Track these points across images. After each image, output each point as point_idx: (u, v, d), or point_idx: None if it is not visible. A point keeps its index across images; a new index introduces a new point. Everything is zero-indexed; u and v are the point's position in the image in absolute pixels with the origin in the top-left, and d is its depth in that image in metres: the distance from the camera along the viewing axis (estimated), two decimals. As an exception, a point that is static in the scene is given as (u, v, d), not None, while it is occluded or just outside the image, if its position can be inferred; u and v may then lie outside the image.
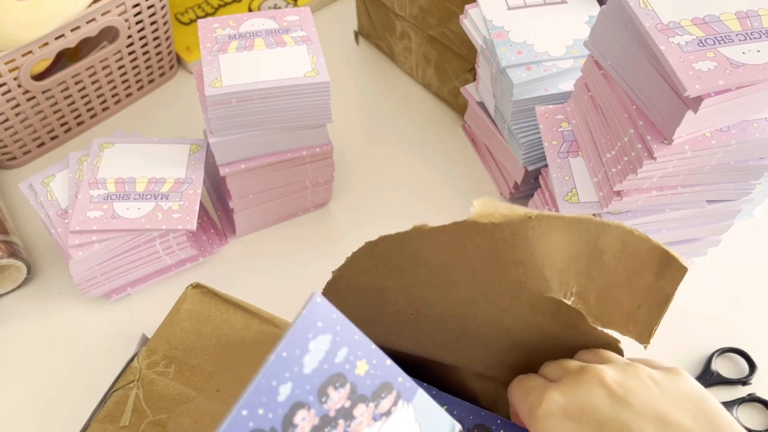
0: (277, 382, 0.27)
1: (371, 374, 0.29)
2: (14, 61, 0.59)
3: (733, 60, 0.39)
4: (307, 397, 0.27)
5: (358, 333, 0.29)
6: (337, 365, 0.28)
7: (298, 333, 0.27)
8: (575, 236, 0.36)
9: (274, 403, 0.26)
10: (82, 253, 0.53)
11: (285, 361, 0.27)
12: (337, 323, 0.28)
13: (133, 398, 0.46)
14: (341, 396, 0.28)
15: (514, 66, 0.54)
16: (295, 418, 0.27)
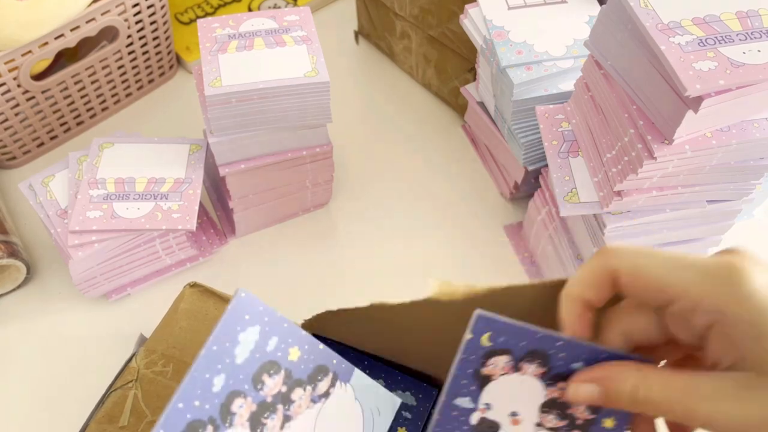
0: (210, 374, 0.28)
1: (305, 359, 0.30)
2: (14, 60, 0.59)
3: (734, 60, 0.39)
4: (242, 385, 0.28)
5: (287, 322, 0.30)
6: (269, 353, 0.29)
7: (226, 326, 0.29)
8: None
9: (209, 394, 0.27)
10: (82, 253, 0.53)
11: (216, 354, 0.28)
12: (265, 314, 0.30)
13: (131, 398, 0.46)
14: (276, 382, 0.29)
15: (515, 66, 0.54)
16: (232, 407, 0.28)
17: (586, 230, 0.52)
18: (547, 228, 0.57)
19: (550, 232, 0.56)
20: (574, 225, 0.54)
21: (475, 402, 0.29)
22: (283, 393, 0.29)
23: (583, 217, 0.52)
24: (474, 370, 0.28)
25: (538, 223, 0.58)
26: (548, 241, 0.57)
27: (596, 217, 0.50)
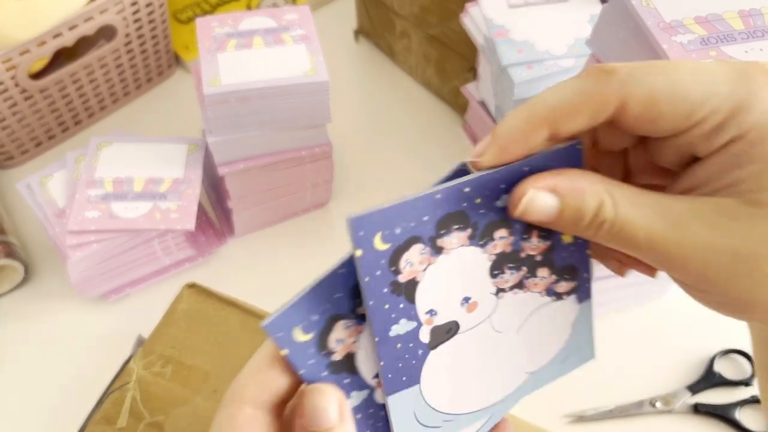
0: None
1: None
2: (11, 59, 0.59)
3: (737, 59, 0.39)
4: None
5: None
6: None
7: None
8: None
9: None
10: (80, 253, 0.53)
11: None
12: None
13: (129, 400, 0.46)
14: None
15: (515, 65, 0.53)
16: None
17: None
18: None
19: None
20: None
21: (414, 319, 0.23)
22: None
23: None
24: (389, 285, 0.23)
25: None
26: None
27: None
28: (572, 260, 0.26)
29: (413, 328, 0.24)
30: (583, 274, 0.26)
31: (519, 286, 0.25)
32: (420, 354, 0.24)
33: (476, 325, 0.25)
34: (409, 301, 0.23)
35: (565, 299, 0.26)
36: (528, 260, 0.25)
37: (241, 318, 0.49)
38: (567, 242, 0.25)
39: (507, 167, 0.23)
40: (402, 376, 0.24)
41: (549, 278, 0.26)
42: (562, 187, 0.22)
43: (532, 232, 0.25)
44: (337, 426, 0.21)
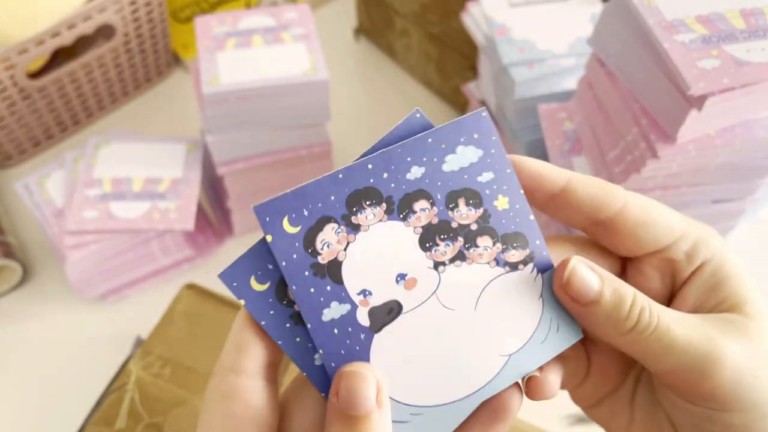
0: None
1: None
2: (9, 59, 0.58)
3: (738, 58, 0.38)
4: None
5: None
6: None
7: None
8: None
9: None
10: (78, 253, 0.52)
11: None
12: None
13: (128, 401, 0.45)
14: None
15: (516, 64, 0.53)
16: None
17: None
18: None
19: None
20: (575, 225, 0.53)
21: (346, 301, 0.23)
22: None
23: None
24: (309, 267, 0.23)
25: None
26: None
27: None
28: (516, 227, 0.25)
29: (348, 311, 0.23)
30: (534, 241, 0.25)
31: (460, 258, 0.24)
32: (363, 338, 0.23)
33: (421, 304, 0.24)
34: (336, 282, 0.23)
35: (522, 269, 0.25)
36: (462, 230, 0.24)
37: (241, 318, 0.49)
38: (502, 208, 0.25)
39: (411, 139, 0.24)
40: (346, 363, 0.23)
41: (494, 248, 0.25)
42: (601, 270, 0.23)
43: (458, 200, 0.24)
44: (374, 411, 0.21)
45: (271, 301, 0.23)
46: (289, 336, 0.23)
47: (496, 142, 0.25)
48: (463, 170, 0.25)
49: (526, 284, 0.25)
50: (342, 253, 0.23)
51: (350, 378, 0.21)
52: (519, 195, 0.25)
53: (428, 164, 0.24)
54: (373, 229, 0.24)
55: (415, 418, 0.24)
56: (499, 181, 0.25)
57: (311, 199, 0.23)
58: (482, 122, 0.25)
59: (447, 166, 0.24)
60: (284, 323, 0.23)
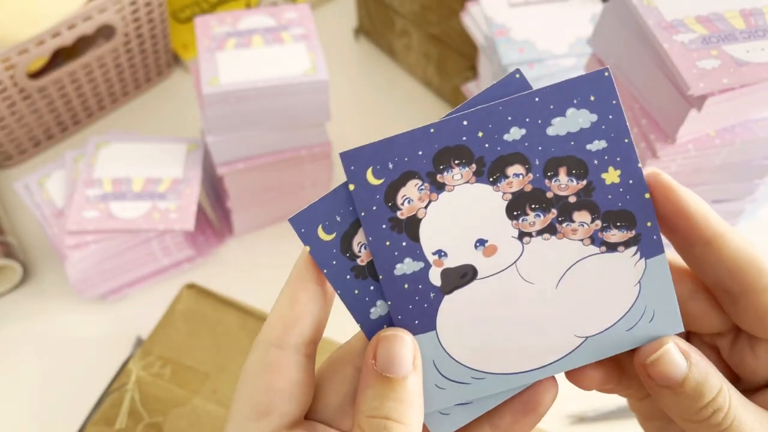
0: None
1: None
2: (10, 59, 0.58)
3: (738, 58, 0.38)
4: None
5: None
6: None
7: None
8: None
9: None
10: (78, 253, 0.52)
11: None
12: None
13: (128, 401, 0.45)
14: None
15: (516, 64, 0.53)
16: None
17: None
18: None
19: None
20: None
21: (420, 259, 0.22)
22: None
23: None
24: (387, 220, 0.22)
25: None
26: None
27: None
28: (624, 204, 0.22)
29: (420, 268, 0.23)
30: (644, 222, 0.22)
31: (550, 231, 0.23)
32: (432, 298, 0.23)
33: (499, 272, 0.23)
34: (412, 240, 0.23)
35: (621, 252, 0.23)
36: (558, 201, 0.22)
37: (241, 318, 0.49)
38: (611, 182, 0.22)
39: (516, 97, 0.22)
40: (414, 319, 0.23)
41: (592, 225, 0.22)
42: (694, 357, 0.21)
43: (559, 169, 0.22)
44: (410, 374, 0.21)
45: (335, 252, 0.23)
46: (348, 287, 0.23)
47: (616, 107, 0.22)
48: (571, 135, 0.22)
49: (624, 268, 0.23)
50: (422, 211, 0.23)
51: (390, 341, 0.22)
52: (635, 169, 0.22)
53: (531, 126, 0.22)
54: (459, 190, 0.23)
55: (476, 381, 0.23)
56: (613, 151, 0.22)
57: (398, 152, 0.22)
58: (603, 83, 0.22)
59: (553, 129, 0.22)
60: (345, 275, 0.23)
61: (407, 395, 0.21)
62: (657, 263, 0.23)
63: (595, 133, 0.22)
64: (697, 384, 0.21)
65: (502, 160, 0.22)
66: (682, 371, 0.21)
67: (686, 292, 0.23)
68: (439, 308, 0.23)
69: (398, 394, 0.21)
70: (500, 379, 0.23)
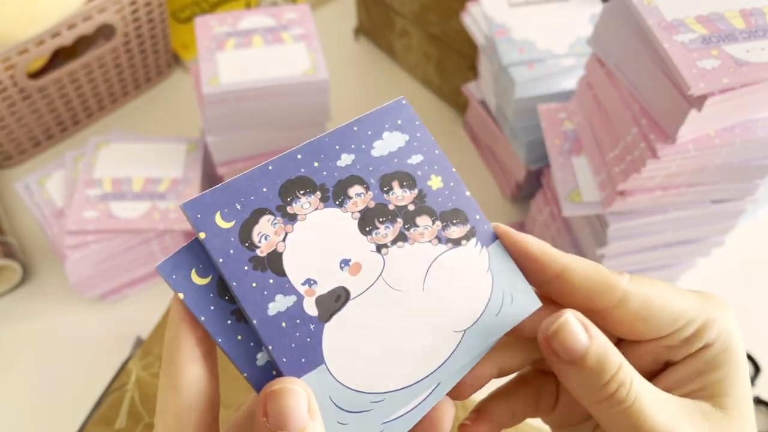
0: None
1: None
2: (10, 59, 0.58)
3: (738, 58, 0.38)
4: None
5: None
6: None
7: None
8: None
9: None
10: (78, 253, 0.52)
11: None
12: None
13: (128, 401, 0.45)
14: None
15: (516, 64, 0.53)
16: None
17: (588, 231, 0.51)
18: (549, 228, 0.56)
19: (552, 233, 0.56)
20: (576, 225, 0.53)
21: (291, 292, 0.22)
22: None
23: (586, 217, 0.51)
24: (248, 261, 0.22)
25: (540, 224, 0.57)
26: (550, 241, 0.56)
27: (599, 218, 0.49)
28: (453, 204, 0.25)
29: (294, 302, 0.22)
30: (473, 216, 0.25)
31: (402, 239, 0.24)
32: (313, 329, 0.22)
33: (368, 288, 0.24)
34: (277, 275, 0.22)
35: (465, 245, 0.25)
36: (400, 211, 0.24)
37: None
38: (437, 187, 0.25)
39: (337, 129, 0.24)
40: (300, 358, 0.22)
41: (434, 226, 0.25)
42: (595, 332, 0.22)
43: (392, 183, 0.25)
44: (307, 426, 0.20)
45: (212, 296, 0.22)
46: (229, 334, 0.22)
47: (420, 127, 0.26)
48: (393, 154, 0.25)
49: (472, 259, 0.25)
50: (281, 245, 0.23)
51: (279, 395, 0.20)
52: (451, 173, 0.25)
53: (357, 151, 0.25)
54: (311, 217, 0.23)
55: (377, 405, 0.23)
56: (430, 162, 0.25)
57: (242, 193, 0.23)
58: (403, 109, 0.26)
59: (376, 151, 0.25)
60: (225, 320, 0.22)
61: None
62: (495, 249, 0.25)
63: (411, 149, 0.25)
64: (599, 357, 0.22)
65: (342, 183, 0.24)
66: (584, 342, 0.22)
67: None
68: (322, 339, 0.23)
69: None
70: (399, 395, 0.23)
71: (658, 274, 0.56)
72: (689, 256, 0.55)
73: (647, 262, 0.53)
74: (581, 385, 0.22)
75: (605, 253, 0.50)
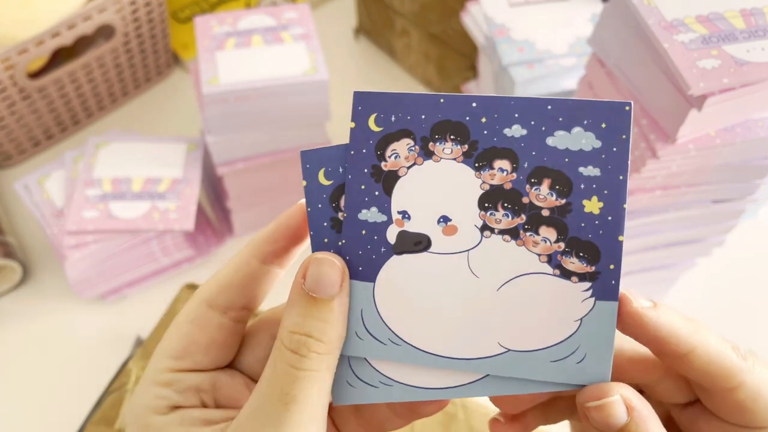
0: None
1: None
2: (10, 59, 0.58)
3: (738, 58, 0.38)
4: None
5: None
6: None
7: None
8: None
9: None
10: (78, 253, 0.52)
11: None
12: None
13: (128, 401, 0.45)
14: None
15: (516, 64, 0.53)
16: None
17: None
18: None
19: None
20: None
21: (385, 212, 0.23)
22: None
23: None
24: (371, 166, 0.23)
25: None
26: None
27: (598, 217, 0.49)
28: (594, 238, 0.22)
29: (382, 221, 0.23)
30: (608, 263, 0.22)
31: (513, 235, 0.22)
32: (382, 252, 0.23)
33: (450, 253, 0.23)
34: (385, 192, 0.23)
35: (574, 282, 0.22)
36: (530, 209, 0.22)
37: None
38: (590, 211, 0.22)
39: (529, 97, 0.22)
40: (358, 266, 0.23)
41: (555, 244, 0.22)
42: (638, 415, 0.21)
43: (544, 179, 0.22)
44: (336, 297, 0.22)
45: (324, 197, 0.23)
46: (321, 232, 0.23)
47: (624, 142, 0.22)
48: (568, 153, 0.22)
49: (570, 299, 0.22)
50: (404, 170, 0.23)
51: (320, 263, 0.22)
52: (619, 209, 0.22)
53: (534, 129, 0.22)
54: (444, 163, 0.23)
55: (392, 345, 0.23)
56: (604, 182, 0.22)
57: (403, 109, 0.23)
58: (621, 115, 0.22)
59: (553, 140, 0.22)
60: (323, 221, 0.23)
61: (330, 316, 0.22)
62: (606, 308, 0.22)
63: (593, 159, 0.22)
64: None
65: (494, 151, 0.23)
66: (620, 422, 0.21)
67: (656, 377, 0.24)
68: (385, 264, 0.23)
69: (322, 314, 0.22)
70: (413, 353, 0.23)
71: (658, 274, 0.56)
72: (689, 256, 0.55)
73: (647, 262, 0.53)
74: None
75: (605, 253, 0.50)
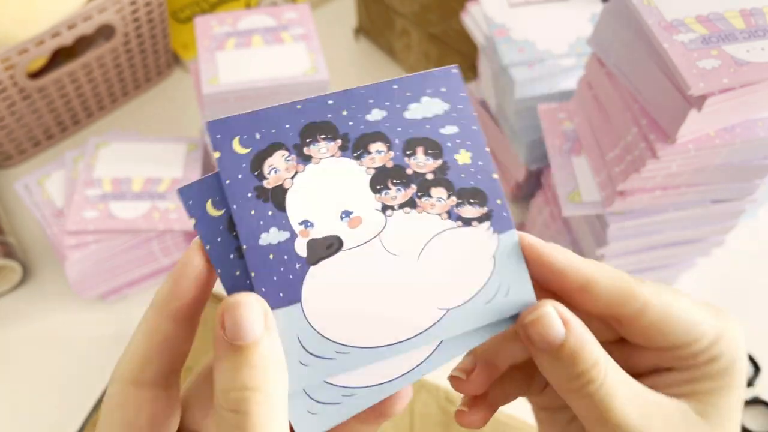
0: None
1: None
2: (10, 59, 0.58)
3: (738, 58, 0.38)
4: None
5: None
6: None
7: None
8: None
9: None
10: (78, 253, 0.52)
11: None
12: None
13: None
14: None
15: (516, 64, 0.53)
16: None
17: (588, 231, 0.51)
18: (549, 228, 0.56)
19: (552, 233, 0.56)
20: (576, 225, 0.53)
21: (286, 229, 0.23)
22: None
23: (586, 218, 0.51)
24: (253, 189, 0.23)
25: (540, 224, 0.57)
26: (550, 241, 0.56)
27: (599, 218, 0.49)
28: (476, 183, 0.24)
29: (287, 239, 0.23)
30: (494, 200, 0.24)
31: (410, 205, 0.24)
32: (298, 268, 0.23)
33: (363, 243, 0.23)
34: (278, 209, 0.23)
35: (476, 226, 0.24)
36: (417, 178, 0.24)
37: (240, 318, 0.49)
38: (464, 162, 0.24)
39: (376, 83, 0.24)
40: (278, 292, 0.22)
41: (449, 200, 0.24)
42: (574, 326, 0.22)
43: (417, 148, 0.24)
44: (262, 338, 0.20)
45: (221, 229, 0.22)
46: (229, 267, 0.22)
47: (464, 98, 0.25)
48: (426, 120, 0.24)
49: (479, 241, 0.24)
50: (288, 181, 0.23)
51: (234, 308, 0.20)
52: (483, 152, 0.25)
53: (390, 109, 0.24)
54: (325, 163, 0.23)
55: (341, 356, 0.23)
56: (464, 135, 0.25)
57: (265, 124, 0.23)
58: (451, 78, 0.25)
59: (409, 113, 0.24)
60: (228, 253, 0.22)
61: (262, 360, 0.20)
62: (508, 238, 0.24)
63: (448, 119, 0.25)
64: (574, 351, 0.22)
65: (365, 137, 0.24)
66: (560, 335, 0.22)
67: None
68: (305, 280, 0.23)
69: (252, 360, 0.20)
70: (365, 354, 0.23)
71: (658, 274, 0.56)
72: (689, 256, 0.55)
73: (647, 262, 0.53)
74: (553, 373, 0.23)
75: (605, 253, 0.50)
